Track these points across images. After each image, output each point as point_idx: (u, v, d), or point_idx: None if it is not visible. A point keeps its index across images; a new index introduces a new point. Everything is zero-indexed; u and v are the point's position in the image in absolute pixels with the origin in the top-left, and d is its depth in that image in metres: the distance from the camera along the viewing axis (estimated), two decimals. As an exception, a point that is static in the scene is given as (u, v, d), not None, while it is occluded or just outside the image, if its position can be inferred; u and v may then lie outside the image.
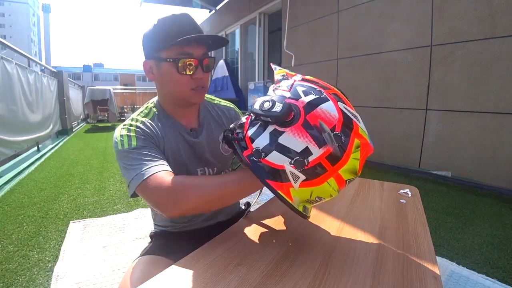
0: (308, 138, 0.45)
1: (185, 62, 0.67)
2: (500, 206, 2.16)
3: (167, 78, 0.70)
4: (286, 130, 0.46)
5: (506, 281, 1.31)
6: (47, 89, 5.24)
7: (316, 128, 0.46)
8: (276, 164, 0.47)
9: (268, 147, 0.47)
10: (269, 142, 0.47)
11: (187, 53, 0.67)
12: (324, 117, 0.46)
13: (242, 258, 0.54)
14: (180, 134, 0.77)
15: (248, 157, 0.49)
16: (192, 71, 0.68)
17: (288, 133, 0.46)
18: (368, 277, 0.49)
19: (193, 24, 0.70)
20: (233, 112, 0.90)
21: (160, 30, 0.68)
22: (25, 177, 3.04)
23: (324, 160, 0.46)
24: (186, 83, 0.69)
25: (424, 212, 0.78)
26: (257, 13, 6.08)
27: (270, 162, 0.47)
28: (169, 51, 0.67)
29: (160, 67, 0.70)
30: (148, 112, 0.77)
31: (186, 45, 0.67)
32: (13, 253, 1.56)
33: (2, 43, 3.44)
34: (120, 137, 0.68)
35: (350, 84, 3.74)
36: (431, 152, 2.91)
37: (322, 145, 0.45)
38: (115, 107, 8.90)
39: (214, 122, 0.84)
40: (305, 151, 0.45)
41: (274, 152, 0.47)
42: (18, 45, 4.37)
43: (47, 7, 24.49)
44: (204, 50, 0.71)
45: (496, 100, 2.41)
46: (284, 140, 0.46)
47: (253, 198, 0.73)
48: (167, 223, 0.84)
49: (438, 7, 2.73)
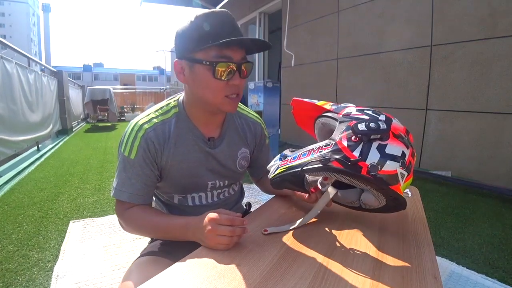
0: (401, 144, 0.57)
1: (224, 67, 0.62)
2: (500, 206, 2.16)
3: (201, 82, 0.64)
4: (387, 142, 0.57)
5: (506, 281, 1.31)
6: (47, 88, 5.24)
7: (401, 136, 0.58)
8: (391, 170, 0.56)
9: (381, 160, 0.56)
10: (380, 156, 0.56)
11: (226, 56, 0.62)
12: (398, 127, 0.60)
13: (242, 258, 0.54)
14: (195, 142, 0.73)
15: (368, 173, 0.56)
16: (230, 76, 0.63)
17: (390, 144, 0.57)
18: (368, 277, 0.49)
19: (234, 25, 0.65)
20: (259, 129, 0.85)
21: (197, 29, 0.62)
22: (25, 177, 3.04)
23: (411, 158, 0.58)
24: (221, 89, 0.64)
25: (424, 212, 0.78)
26: (257, 13, 6.07)
27: (385, 171, 0.55)
28: (206, 52, 0.62)
29: (194, 69, 0.64)
30: (168, 110, 0.73)
31: (226, 47, 0.61)
32: (13, 252, 1.56)
33: (2, 43, 3.44)
34: (126, 139, 0.68)
35: (350, 84, 3.74)
36: (431, 152, 2.92)
37: (408, 147, 0.58)
38: (115, 107, 8.89)
39: (236, 135, 0.80)
40: (403, 154, 0.57)
41: (388, 162, 0.56)
42: (18, 44, 4.37)
43: (47, 7, 24.49)
44: (243, 54, 0.65)
45: (496, 100, 2.41)
46: (390, 150, 0.57)
47: (253, 198, 0.73)
48: None
49: (438, 7, 2.74)
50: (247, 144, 0.83)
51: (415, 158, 0.61)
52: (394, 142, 0.57)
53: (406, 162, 0.56)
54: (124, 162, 0.68)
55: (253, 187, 2.51)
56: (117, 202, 0.69)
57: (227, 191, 0.83)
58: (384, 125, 0.56)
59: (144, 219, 0.67)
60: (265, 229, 0.64)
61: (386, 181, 0.55)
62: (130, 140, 0.68)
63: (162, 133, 0.70)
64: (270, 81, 3.92)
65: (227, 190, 0.83)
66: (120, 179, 0.68)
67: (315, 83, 4.30)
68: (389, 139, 0.57)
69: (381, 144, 0.56)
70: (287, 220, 0.70)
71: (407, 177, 0.58)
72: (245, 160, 0.82)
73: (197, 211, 0.78)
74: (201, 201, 0.79)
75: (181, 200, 0.78)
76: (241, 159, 0.81)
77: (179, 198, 0.78)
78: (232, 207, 0.87)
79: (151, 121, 0.70)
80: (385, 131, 0.56)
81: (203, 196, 0.79)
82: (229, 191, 0.84)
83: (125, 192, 0.67)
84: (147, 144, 0.67)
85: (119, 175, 0.69)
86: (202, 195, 0.79)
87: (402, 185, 0.57)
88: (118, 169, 0.69)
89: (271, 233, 0.64)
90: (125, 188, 0.67)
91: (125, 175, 0.68)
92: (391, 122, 0.58)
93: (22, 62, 3.97)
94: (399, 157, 0.56)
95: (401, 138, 0.58)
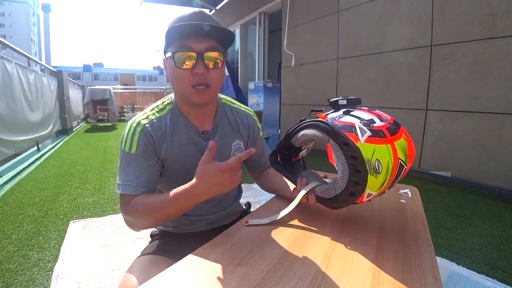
0: (373, 114, 0.62)
1: (182, 55, 0.65)
2: (500, 206, 2.16)
3: (170, 73, 0.69)
4: (356, 109, 0.63)
5: (506, 281, 1.31)
6: (47, 88, 5.24)
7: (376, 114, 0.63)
8: (348, 122, 0.59)
9: (341, 115, 0.62)
10: (342, 113, 0.63)
11: (186, 46, 0.65)
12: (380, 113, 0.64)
13: (242, 258, 0.54)
14: (190, 136, 0.75)
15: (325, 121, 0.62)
16: (191, 65, 0.65)
17: (358, 110, 0.63)
18: (368, 277, 0.49)
19: (204, 19, 0.67)
20: (251, 120, 0.87)
21: (170, 26, 0.66)
22: (25, 177, 3.04)
23: (384, 129, 0.59)
24: (185, 79, 0.67)
25: (424, 212, 0.78)
26: (257, 13, 6.07)
27: (342, 121, 0.60)
28: (173, 46, 0.67)
29: (169, 63, 0.69)
30: (163, 107, 0.76)
31: (187, 38, 0.65)
32: (13, 252, 1.56)
33: (2, 43, 3.44)
34: (126, 136, 0.70)
35: (350, 84, 3.74)
36: (431, 152, 2.92)
37: (383, 120, 0.61)
38: (115, 106, 8.90)
39: (229, 127, 0.82)
40: (371, 120, 0.60)
41: (346, 116, 0.61)
42: (18, 44, 4.37)
43: (47, 7, 24.50)
44: (208, 44, 0.66)
45: (496, 100, 2.41)
46: (355, 113, 0.62)
47: (253, 198, 0.73)
48: (169, 225, 0.83)
49: (438, 7, 2.74)
50: (240, 136, 0.84)
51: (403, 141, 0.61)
52: (364, 111, 0.63)
53: (373, 126, 0.58)
54: (126, 158, 0.69)
55: (253, 187, 2.52)
56: (122, 198, 0.68)
57: None
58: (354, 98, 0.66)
59: (147, 201, 0.66)
60: (246, 220, 0.67)
61: (341, 128, 0.58)
62: (129, 136, 0.69)
63: (159, 127, 0.72)
64: (270, 81, 3.93)
65: None
66: (125, 175, 0.68)
67: (315, 83, 4.30)
68: (359, 109, 0.64)
69: (349, 109, 0.64)
70: (286, 219, 0.70)
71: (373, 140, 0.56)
72: (239, 152, 0.82)
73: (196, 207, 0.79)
74: None
75: None
76: (235, 150, 0.82)
77: None
78: (231, 204, 0.87)
79: (148, 118, 0.73)
80: (353, 101, 0.65)
81: None
82: None
83: (131, 186, 0.67)
84: (147, 137, 0.70)
85: (124, 170, 0.69)
86: None
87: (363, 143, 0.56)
88: (121, 166, 0.70)
89: (251, 225, 0.66)
90: (131, 182, 0.67)
91: (129, 169, 0.68)
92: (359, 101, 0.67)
93: (22, 62, 3.97)
94: (363, 119, 0.59)
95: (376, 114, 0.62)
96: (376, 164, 0.55)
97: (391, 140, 0.58)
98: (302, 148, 0.78)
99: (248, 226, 0.66)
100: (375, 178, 0.56)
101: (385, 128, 0.59)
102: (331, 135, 0.60)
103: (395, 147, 0.58)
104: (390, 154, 0.57)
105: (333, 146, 0.60)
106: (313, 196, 0.69)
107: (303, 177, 0.74)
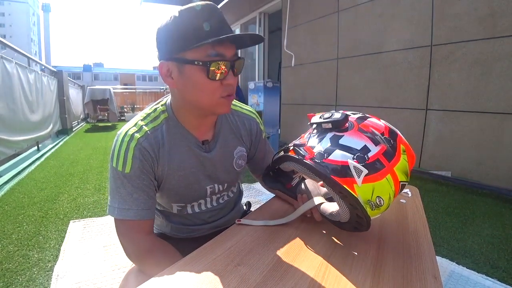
0: (365, 138, 0.53)
1: (218, 66, 0.56)
2: (500, 206, 2.16)
3: (193, 84, 0.58)
4: (345, 134, 0.54)
5: (506, 281, 1.31)
6: (47, 88, 5.24)
7: (370, 132, 0.54)
8: (339, 160, 0.51)
9: (330, 148, 0.52)
10: (330, 144, 0.53)
11: (219, 54, 0.56)
12: (374, 125, 0.56)
13: (242, 258, 0.54)
14: (190, 148, 0.68)
15: (310, 159, 0.53)
16: (224, 76, 0.58)
17: (347, 136, 0.53)
18: (368, 277, 0.49)
19: (221, 17, 0.58)
20: (254, 124, 0.80)
21: (184, 25, 0.55)
22: (25, 177, 3.04)
23: (381, 156, 0.52)
24: (216, 91, 0.58)
25: (424, 212, 0.78)
26: (257, 13, 6.07)
27: (333, 160, 0.51)
28: (196, 51, 0.55)
29: (184, 70, 0.57)
30: (157, 116, 0.67)
31: (218, 44, 0.55)
32: (13, 252, 1.56)
33: (2, 43, 3.44)
34: (117, 152, 0.61)
35: (350, 84, 3.74)
36: (431, 152, 2.91)
37: (378, 144, 0.53)
38: (115, 106, 8.88)
39: (230, 134, 0.75)
40: (364, 148, 0.52)
41: (336, 151, 0.52)
42: (18, 44, 4.37)
43: (47, 7, 24.48)
44: (234, 50, 0.59)
45: (496, 100, 2.41)
46: (345, 141, 0.53)
47: (254, 198, 0.73)
48: (168, 230, 0.81)
49: (438, 7, 2.73)
50: (242, 142, 0.78)
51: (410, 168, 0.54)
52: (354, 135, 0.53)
53: (368, 158, 0.50)
54: (120, 178, 0.61)
55: (253, 187, 2.52)
56: (119, 222, 0.61)
57: (226, 195, 0.81)
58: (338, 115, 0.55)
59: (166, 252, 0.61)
60: (238, 219, 0.68)
61: (332, 171, 0.51)
62: (122, 152, 0.61)
63: (155, 140, 0.64)
64: (270, 81, 3.92)
65: (226, 194, 0.81)
66: (120, 197, 0.60)
67: (315, 83, 4.30)
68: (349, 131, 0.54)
69: (336, 134, 0.54)
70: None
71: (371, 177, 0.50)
72: (242, 159, 0.79)
73: (197, 217, 0.78)
74: (200, 207, 0.77)
75: (180, 210, 0.75)
76: (237, 158, 0.77)
77: (178, 208, 0.75)
78: (232, 209, 0.86)
79: (141, 130, 0.63)
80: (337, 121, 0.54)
81: (203, 203, 0.77)
82: (228, 194, 0.82)
83: (130, 209, 0.60)
84: (142, 154, 0.61)
85: (117, 192, 0.61)
86: (202, 202, 0.76)
87: (360, 185, 0.50)
88: (114, 186, 0.61)
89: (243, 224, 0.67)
90: (128, 205, 0.60)
91: (125, 191, 0.60)
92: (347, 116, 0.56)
93: (22, 62, 3.96)
94: (355, 150, 0.51)
95: (368, 134, 0.53)
96: (377, 201, 0.51)
97: (390, 168, 0.52)
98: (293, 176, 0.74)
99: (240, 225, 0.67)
100: (378, 210, 0.53)
101: (381, 154, 0.52)
102: (325, 182, 0.53)
103: (395, 173, 0.52)
104: (390, 185, 0.52)
105: (328, 188, 0.55)
106: (318, 214, 0.65)
107: (303, 193, 0.71)
